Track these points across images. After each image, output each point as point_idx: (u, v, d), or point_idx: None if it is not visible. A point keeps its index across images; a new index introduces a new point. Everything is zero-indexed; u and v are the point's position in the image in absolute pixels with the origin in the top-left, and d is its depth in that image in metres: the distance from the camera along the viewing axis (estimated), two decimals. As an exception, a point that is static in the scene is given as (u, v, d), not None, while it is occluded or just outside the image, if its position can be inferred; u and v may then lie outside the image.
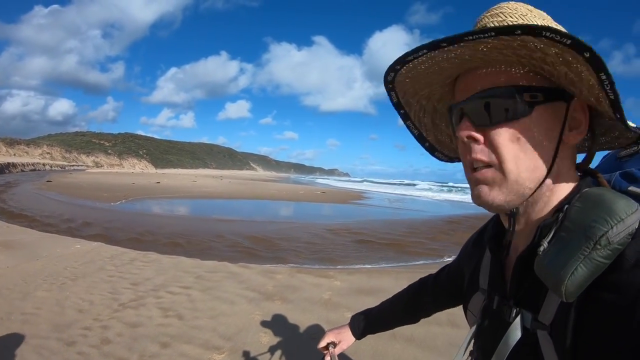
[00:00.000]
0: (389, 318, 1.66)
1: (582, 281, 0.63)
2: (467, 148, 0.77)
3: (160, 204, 22.74)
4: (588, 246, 0.63)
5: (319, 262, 9.37)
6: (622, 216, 0.63)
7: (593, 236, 0.63)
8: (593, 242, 0.63)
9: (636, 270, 0.61)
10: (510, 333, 0.79)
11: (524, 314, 0.79)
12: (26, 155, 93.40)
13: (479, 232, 1.17)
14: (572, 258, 0.64)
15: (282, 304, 5.60)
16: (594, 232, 0.63)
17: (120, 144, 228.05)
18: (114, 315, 4.96)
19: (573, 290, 0.64)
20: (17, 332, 4.40)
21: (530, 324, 0.77)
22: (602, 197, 0.68)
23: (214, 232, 12.65)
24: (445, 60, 0.73)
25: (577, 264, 0.63)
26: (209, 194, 30.56)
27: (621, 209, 0.64)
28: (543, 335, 0.74)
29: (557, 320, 0.71)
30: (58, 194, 23.53)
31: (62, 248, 8.54)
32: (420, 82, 0.83)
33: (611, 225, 0.62)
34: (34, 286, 5.93)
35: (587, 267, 0.63)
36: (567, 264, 0.64)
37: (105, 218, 14.62)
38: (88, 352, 4.03)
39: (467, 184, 0.84)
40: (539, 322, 0.75)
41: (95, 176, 51.51)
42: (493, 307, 0.90)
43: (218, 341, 4.37)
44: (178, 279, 6.60)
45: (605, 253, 0.62)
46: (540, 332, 0.74)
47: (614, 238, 0.62)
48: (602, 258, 0.62)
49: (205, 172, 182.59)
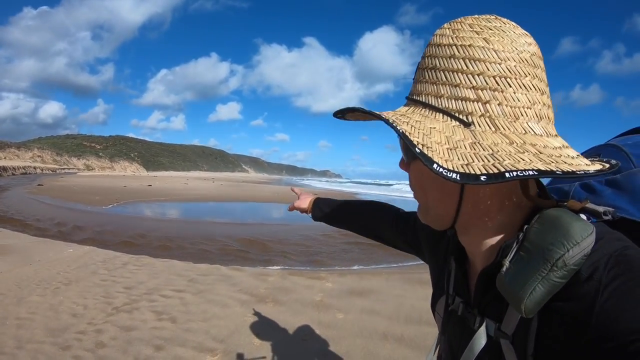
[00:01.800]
0: (344, 223, 1.71)
1: (540, 299, 0.67)
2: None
3: (152, 207, 22.63)
4: (545, 268, 0.67)
5: (310, 264, 9.42)
6: (577, 240, 0.67)
7: (550, 259, 0.67)
8: (550, 264, 0.67)
9: (590, 282, 0.66)
10: (475, 340, 0.83)
11: (487, 322, 0.82)
12: (17, 158, 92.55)
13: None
14: (531, 278, 0.68)
15: (274, 306, 5.66)
16: (551, 254, 0.67)
17: (111, 146, 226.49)
18: (108, 319, 5.00)
19: (532, 307, 0.67)
20: (12, 337, 4.43)
21: (494, 332, 0.80)
22: (559, 219, 0.71)
23: (206, 235, 12.65)
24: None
25: (535, 284, 0.67)
26: (201, 196, 30.48)
27: (577, 232, 0.68)
28: (506, 343, 0.77)
29: (519, 330, 0.75)
30: (50, 197, 23.42)
31: (55, 252, 8.55)
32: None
33: (567, 248, 0.66)
34: (27, 291, 5.95)
35: (545, 287, 0.67)
36: (526, 284, 0.68)
37: (97, 222, 14.57)
38: (83, 356, 4.07)
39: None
40: (502, 331, 0.78)
41: (87, 179, 51.23)
42: (458, 313, 0.94)
43: (211, 343, 4.42)
44: (171, 282, 6.64)
45: (562, 274, 0.66)
46: (503, 340, 0.78)
47: (570, 260, 0.66)
48: (558, 278, 0.66)
49: (196, 174, 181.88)
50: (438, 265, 1.14)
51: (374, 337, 4.63)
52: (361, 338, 4.61)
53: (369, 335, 4.68)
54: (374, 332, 4.74)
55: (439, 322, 1.07)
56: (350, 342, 4.49)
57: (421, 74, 0.80)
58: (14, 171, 51.44)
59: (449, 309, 0.99)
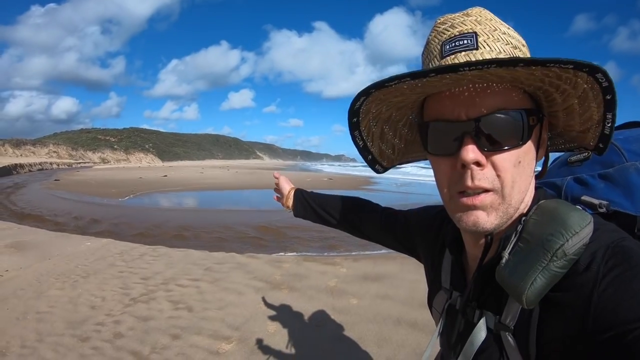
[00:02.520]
0: (329, 220, 1.63)
1: (541, 290, 0.67)
2: (458, 172, 0.75)
3: (168, 197, 22.71)
4: (545, 258, 0.67)
5: (325, 249, 9.48)
6: (576, 229, 0.67)
7: (550, 249, 0.67)
8: (550, 254, 0.67)
9: (587, 272, 0.66)
10: (476, 334, 0.83)
11: (487, 316, 0.82)
12: (33, 155, 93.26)
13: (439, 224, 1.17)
14: (532, 269, 0.68)
15: (289, 292, 5.71)
16: (550, 245, 0.67)
17: (126, 139, 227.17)
18: (125, 310, 5.09)
19: (533, 298, 0.68)
20: (33, 331, 4.52)
21: (493, 325, 0.80)
22: (557, 210, 0.72)
23: (222, 223, 12.76)
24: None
25: (535, 275, 0.67)
26: (217, 185, 30.55)
27: (575, 222, 0.68)
28: (506, 336, 0.77)
29: (520, 322, 0.75)
30: (67, 192, 23.55)
31: (73, 246, 8.66)
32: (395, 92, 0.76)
33: (566, 238, 0.67)
34: (47, 285, 6.06)
35: (545, 277, 0.67)
36: (526, 275, 0.68)
37: (114, 214, 14.70)
38: (102, 347, 4.15)
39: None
40: (502, 324, 0.78)
41: (103, 172, 51.50)
42: (456, 307, 0.94)
43: (227, 331, 4.49)
44: (187, 272, 6.72)
45: (562, 264, 0.67)
46: (504, 333, 0.78)
47: (570, 250, 0.66)
48: (558, 268, 0.67)
49: (212, 162, 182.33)
50: (433, 262, 1.13)
51: (387, 323, 4.65)
52: (375, 323, 4.64)
53: (382, 321, 4.70)
54: (388, 318, 4.77)
55: (437, 318, 1.07)
56: (363, 328, 4.53)
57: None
58: (30, 168, 51.81)
59: (446, 304, 0.99)
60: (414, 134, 0.96)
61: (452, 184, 0.77)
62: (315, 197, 1.68)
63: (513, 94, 0.74)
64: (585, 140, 0.83)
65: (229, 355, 3.98)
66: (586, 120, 0.77)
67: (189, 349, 4.10)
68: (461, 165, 0.73)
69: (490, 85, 0.71)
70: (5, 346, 4.16)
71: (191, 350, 4.07)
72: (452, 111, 0.74)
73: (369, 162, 0.96)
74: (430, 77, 0.65)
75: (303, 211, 1.68)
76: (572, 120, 0.80)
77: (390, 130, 0.93)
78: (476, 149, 0.72)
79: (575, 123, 0.80)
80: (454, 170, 0.76)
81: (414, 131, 0.95)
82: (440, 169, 0.80)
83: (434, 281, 1.11)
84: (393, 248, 1.45)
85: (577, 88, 0.70)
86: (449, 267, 1.03)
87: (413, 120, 0.92)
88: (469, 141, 0.72)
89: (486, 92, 0.72)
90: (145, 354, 4.01)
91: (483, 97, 0.72)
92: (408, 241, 1.34)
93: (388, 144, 0.95)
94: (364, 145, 0.91)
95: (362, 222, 1.53)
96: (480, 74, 0.64)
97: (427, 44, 0.81)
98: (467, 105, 0.72)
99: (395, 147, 0.97)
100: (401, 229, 1.37)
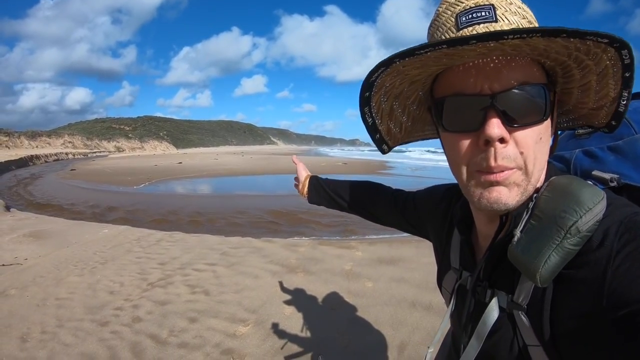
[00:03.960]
0: (342, 205, 1.62)
1: (555, 267, 0.67)
2: (479, 150, 0.72)
3: (183, 184, 22.91)
4: (559, 235, 0.66)
5: (340, 233, 9.54)
6: (589, 206, 0.66)
7: (564, 226, 0.66)
8: (564, 231, 0.66)
9: (601, 249, 0.66)
10: (488, 313, 0.82)
11: (499, 295, 0.82)
12: (48, 146, 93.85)
13: (448, 197, 1.18)
14: (545, 247, 0.67)
15: (305, 276, 5.74)
16: (564, 222, 0.66)
17: (140, 127, 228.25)
18: (143, 295, 5.16)
19: (547, 276, 0.67)
20: (53, 317, 4.60)
21: (506, 304, 0.80)
22: (570, 186, 0.71)
23: (237, 208, 12.91)
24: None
25: (549, 252, 0.67)
26: (231, 171, 30.70)
27: (588, 198, 0.67)
28: (519, 315, 0.77)
29: (533, 301, 0.75)
30: (83, 181, 23.81)
31: (90, 234, 8.75)
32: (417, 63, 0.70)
33: (580, 215, 0.66)
34: (66, 272, 6.14)
35: (559, 255, 0.66)
36: (540, 253, 0.67)
37: (130, 201, 14.89)
38: (121, 331, 4.22)
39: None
40: (515, 303, 0.78)
41: (118, 161, 51.86)
42: (467, 287, 0.93)
43: (243, 314, 4.54)
44: (204, 256, 6.78)
45: (575, 241, 0.66)
46: (517, 312, 0.77)
47: (583, 227, 0.65)
48: (572, 245, 0.66)
49: (226, 149, 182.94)
50: (442, 241, 1.13)
51: (402, 305, 4.66)
52: (390, 306, 4.65)
53: (397, 303, 4.71)
54: (403, 300, 4.78)
55: (447, 298, 1.07)
56: (379, 310, 4.54)
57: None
58: (46, 158, 52.28)
59: (456, 284, 0.98)
60: (421, 112, 0.92)
61: (471, 162, 0.74)
62: (328, 182, 1.67)
63: (534, 68, 0.72)
64: (597, 118, 0.81)
65: (246, 338, 4.03)
66: (601, 98, 0.76)
67: (206, 332, 4.15)
68: (484, 141, 0.70)
69: (514, 58, 0.69)
70: (26, 332, 4.23)
71: (208, 333, 4.12)
72: (474, 85, 0.71)
73: (377, 141, 0.91)
74: (467, 46, 0.61)
75: (317, 197, 1.68)
76: (586, 97, 0.78)
77: (399, 107, 0.88)
78: (501, 124, 0.69)
79: (590, 100, 0.78)
80: (474, 147, 0.73)
81: (422, 109, 0.91)
82: (457, 146, 0.76)
83: (443, 261, 1.10)
84: (405, 230, 1.44)
85: (600, 64, 0.69)
86: (457, 247, 1.03)
87: (422, 96, 0.87)
88: (493, 115, 0.69)
89: (510, 66, 0.69)
90: (164, 337, 4.07)
91: (507, 70, 0.69)
92: (418, 222, 1.33)
93: (396, 121, 0.91)
94: (372, 123, 0.86)
95: (374, 205, 1.52)
96: (517, 44, 0.62)
97: (437, 16, 0.77)
98: (491, 79, 0.70)
99: (402, 125, 0.93)
100: (411, 210, 1.36)
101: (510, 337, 0.79)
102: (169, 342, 3.98)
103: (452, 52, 0.64)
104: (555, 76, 0.77)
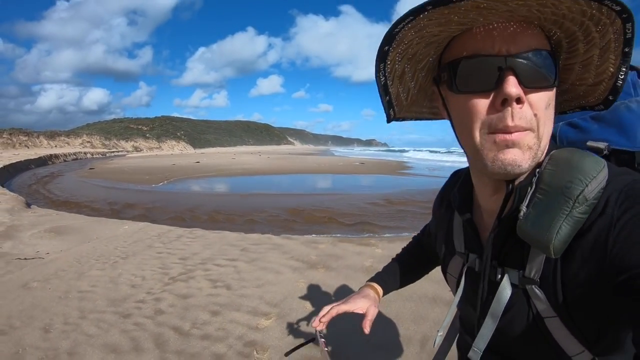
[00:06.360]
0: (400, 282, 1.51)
1: (567, 237, 0.70)
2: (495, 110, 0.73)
3: (200, 183, 23.05)
4: (568, 205, 0.69)
5: (360, 232, 9.53)
6: (593, 174, 0.70)
7: (571, 196, 0.69)
8: (572, 201, 0.69)
9: (603, 216, 0.70)
10: (501, 292, 0.84)
11: (509, 272, 0.84)
12: (67, 145, 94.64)
13: (441, 194, 1.23)
14: (555, 218, 0.70)
15: (325, 272, 5.73)
16: (571, 192, 0.69)
17: (157, 127, 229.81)
18: (165, 289, 5.17)
19: (560, 246, 0.70)
20: (75, 309, 4.63)
21: (518, 280, 0.82)
22: (572, 158, 0.74)
23: (255, 206, 12.96)
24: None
25: (560, 223, 0.69)
26: (249, 170, 30.77)
27: (591, 167, 0.71)
28: (532, 289, 0.80)
29: (545, 273, 0.78)
30: (102, 179, 24.08)
31: (111, 230, 8.82)
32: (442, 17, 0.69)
33: (586, 183, 0.69)
34: (87, 266, 6.19)
35: (570, 224, 0.69)
36: (551, 225, 0.70)
37: (148, 199, 15.04)
38: (143, 323, 4.24)
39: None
40: (527, 278, 0.80)
41: (136, 160, 52.33)
42: (475, 269, 0.95)
43: (265, 308, 4.53)
44: (224, 252, 6.80)
45: (584, 209, 0.69)
46: (529, 287, 0.80)
47: (590, 195, 0.69)
48: (581, 214, 0.69)
49: (243, 149, 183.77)
50: (444, 230, 1.13)
51: (423, 301, 4.62)
52: (411, 301, 4.61)
53: (418, 299, 4.67)
54: (424, 296, 4.73)
55: (453, 284, 1.08)
56: (400, 305, 4.51)
57: None
58: (65, 158, 52.95)
59: (464, 267, 1.00)
60: (427, 81, 0.90)
61: (485, 124, 0.74)
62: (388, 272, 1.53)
63: (544, 39, 0.74)
64: (595, 94, 0.83)
65: (268, 331, 4.02)
66: (600, 73, 0.78)
67: (228, 325, 4.16)
68: (501, 101, 0.71)
69: (529, 25, 0.71)
70: (49, 323, 4.26)
71: (231, 326, 4.13)
72: (492, 46, 0.71)
73: (386, 104, 0.89)
74: None
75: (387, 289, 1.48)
76: (587, 72, 0.80)
77: (410, 71, 0.85)
78: (518, 84, 0.70)
79: (590, 76, 0.80)
80: (489, 108, 0.73)
81: (428, 78, 0.89)
82: (471, 108, 0.75)
83: (447, 246, 1.11)
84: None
85: (605, 37, 0.71)
86: (460, 230, 1.03)
87: (431, 63, 0.85)
88: (511, 74, 0.70)
89: (526, 32, 0.71)
90: (186, 329, 4.08)
91: (523, 35, 0.71)
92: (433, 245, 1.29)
93: (405, 86, 0.88)
94: (384, 83, 0.84)
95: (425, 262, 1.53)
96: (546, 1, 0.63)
97: None
98: (508, 42, 0.71)
99: (409, 92, 0.91)
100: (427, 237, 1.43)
101: (526, 312, 0.82)
102: (192, 334, 3.99)
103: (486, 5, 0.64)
104: (559, 50, 0.79)
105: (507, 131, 0.72)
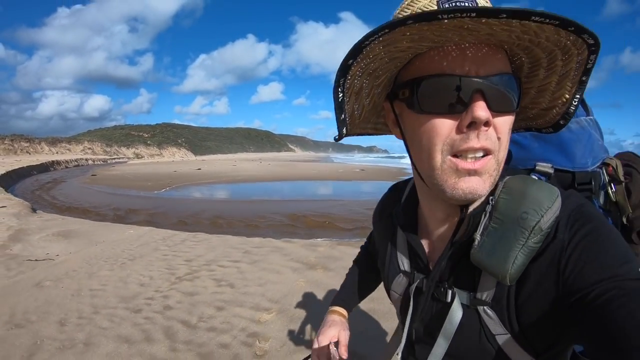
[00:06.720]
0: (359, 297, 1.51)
1: (522, 266, 0.70)
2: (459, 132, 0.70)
3: (202, 189, 23.20)
4: (524, 236, 0.69)
5: (359, 236, 9.72)
6: (548, 205, 0.70)
7: (527, 227, 0.69)
8: (528, 232, 0.69)
9: (555, 241, 0.71)
10: (453, 313, 0.82)
11: (459, 293, 0.82)
12: (68, 152, 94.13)
13: (380, 206, 1.19)
14: (512, 249, 0.70)
15: (324, 272, 5.97)
16: (527, 223, 0.70)
17: (158, 134, 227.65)
18: (172, 287, 5.44)
19: (516, 275, 0.71)
20: (88, 305, 4.89)
21: (469, 301, 0.81)
22: (526, 188, 0.74)
23: (255, 212, 13.22)
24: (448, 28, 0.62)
25: (516, 253, 0.70)
26: (250, 177, 30.93)
27: (546, 197, 0.71)
28: (484, 310, 0.78)
29: (498, 295, 0.77)
30: (104, 186, 24.26)
31: (117, 234, 9.06)
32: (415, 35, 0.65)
33: (541, 214, 0.69)
34: (97, 267, 6.43)
35: (525, 254, 0.70)
36: (508, 255, 0.70)
37: (151, 205, 15.31)
38: (153, 317, 4.51)
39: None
40: (478, 299, 0.79)
41: (138, 167, 52.28)
42: (423, 289, 0.91)
43: (267, 304, 4.79)
44: (227, 255, 7.03)
45: (539, 239, 0.70)
46: (482, 308, 0.79)
47: (545, 225, 0.69)
48: (536, 243, 0.70)
49: (244, 156, 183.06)
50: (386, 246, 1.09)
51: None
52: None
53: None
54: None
55: (397, 303, 1.04)
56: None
57: None
58: (67, 164, 52.70)
59: (412, 287, 0.94)
60: (381, 98, 0.86)
61: (447, 145, 0.71)
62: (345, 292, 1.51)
63: (508, 62, 0.73)
64: (545, 118, 0.84)
65: (270, 324, 4.28)
66: (555, 99, 0.79)
67: (233, 319, 4.42)
68: (468, 124, 0.68)
69: (498, 49, 0.70)
70: (64, 317, 4.52)
71: (235, 320, 4.40)
72: (461, 66, 0.68)
73: (340, 123, 0.81)
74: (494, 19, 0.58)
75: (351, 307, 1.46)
76: (541, 97, 0.81)
77: (368, 87, 0.80)
78: (486, 107, 0.68)
79: (545, 100, 0.81)
80: (453, 130, 0.71)
81: (382, 95, 0.85)
82: (433, 128, 0.72)
83: (390, 264, 1.06)
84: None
85: (567, 66, 0.71)
86: (405, 249, 1.00)
87: (388, 80, 0.81)
88: (480, 98, 0.68)
89: (495, 55, 0.70)
90: (194, 322, 4.35)
91: (492, 58, 0.69)
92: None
93: (359, 104, 0.84)
94: (342, 99, 0.77)
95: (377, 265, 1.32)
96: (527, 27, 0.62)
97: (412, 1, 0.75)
98: (477, 63, 0.68)
99: (363, 109, 0.86)
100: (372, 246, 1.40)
101: (477, 331, 0.80)
102: (199, 326, 4.26)
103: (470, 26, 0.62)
104: (520, 74, 0.78)
105: (468, 157, 0.71)
